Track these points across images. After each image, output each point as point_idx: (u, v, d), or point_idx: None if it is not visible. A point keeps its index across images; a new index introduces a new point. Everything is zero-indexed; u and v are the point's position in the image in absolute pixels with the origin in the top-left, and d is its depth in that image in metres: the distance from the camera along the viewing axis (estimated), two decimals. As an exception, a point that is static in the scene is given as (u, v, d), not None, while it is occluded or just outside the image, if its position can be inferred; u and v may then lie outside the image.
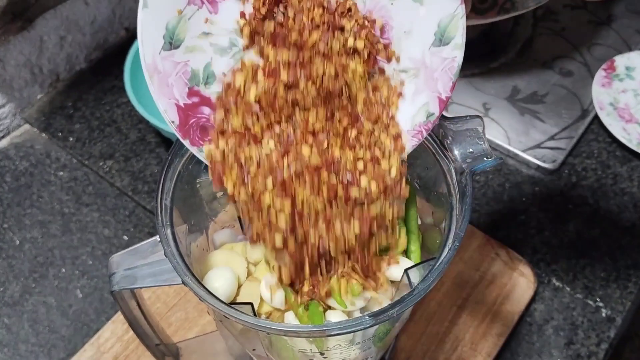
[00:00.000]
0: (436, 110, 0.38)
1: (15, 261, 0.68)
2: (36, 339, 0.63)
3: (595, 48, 0.86)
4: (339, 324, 0.32)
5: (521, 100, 0.80)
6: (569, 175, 0.74)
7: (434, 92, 0.37)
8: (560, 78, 0.83)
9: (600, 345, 0.62)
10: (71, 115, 0.80)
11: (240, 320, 0.33)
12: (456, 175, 0.38)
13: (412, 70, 0.36)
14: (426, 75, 0.36)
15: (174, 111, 0.37)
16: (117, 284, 0.39)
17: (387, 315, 0.32)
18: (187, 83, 0.37)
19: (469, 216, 0.34)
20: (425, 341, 0.61)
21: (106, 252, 0.69)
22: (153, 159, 0.76)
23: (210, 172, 0.38)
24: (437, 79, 0.37)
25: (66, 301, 0.65)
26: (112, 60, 0.86)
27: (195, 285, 0.34)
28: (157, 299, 0.63)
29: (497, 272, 0.65)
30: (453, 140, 0.38)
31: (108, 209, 0.72)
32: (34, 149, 0.77)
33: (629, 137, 0.75)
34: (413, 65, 0.36)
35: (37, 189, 0.74)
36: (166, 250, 0.36)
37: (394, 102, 0.38)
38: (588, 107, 0.79)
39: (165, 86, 0.36)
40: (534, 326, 0.63)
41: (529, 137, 0.76)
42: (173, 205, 0.39)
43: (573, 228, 0.70)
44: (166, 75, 0.36)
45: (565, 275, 0.66)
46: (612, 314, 0.64)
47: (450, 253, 0.33)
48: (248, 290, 0.42)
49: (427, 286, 0.32)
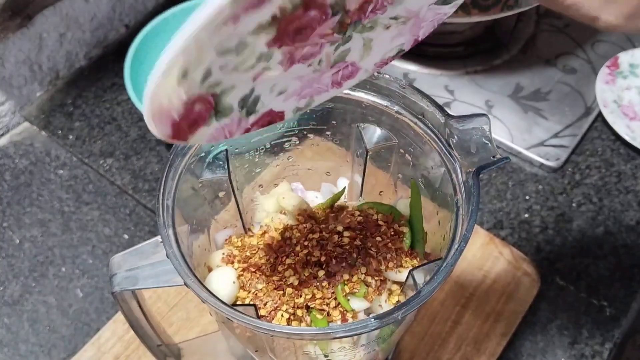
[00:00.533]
0: (408, 47, 0.37)
1: (15, 260, 0.68)
2: (36, 339, 0.62)
3: (599, 45, 0.86)
4: (343, 327, 0.32)
5: (524, 98, 0.80)
6: (573, 173, 0.74)
7: (414, 36, 0.36)
8: (563, 75, 0.82)
9: (604, 345, 0.62)
10: (71, 113, 0.80)
11: (242, 323, 0.32)
12: (462, 175, 0.37)
13: (402, 19, 0.35)
14: (414, 23, 0.36)
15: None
16: (118, 285, 0.38)
17: (393, 317, 0.32)
18: None
19: (476, 217, 0.34)
20: (429, 341, 0.60)
21: (107, 251, 0.68)
22: (153, 157, 0.75)
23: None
24: (422, 27, 0.36)
25: (66, 300, 0.65)
26: (112, 58, 0.85)
27: (198, 287, 0.34)
28: (158, 299, 0.63)
29: (500, 271, 0.64)
30: (459, 139, 0.37)
31: (108, 208, 0.71)
32: (33, 147, 0.77)
33: (632, 135, 0.74)
34: (406, 14, 0.35)
35: (36, 187, 0.73)
36: (168, 251, 0.35)
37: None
38: (592, 104, 0.79)
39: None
40: (538, 325, 0.63)
41: (532, 134, 0.76)
42: (175, 205, 0.38)
43: (577, 227, 0.69)
44: None
45: (569, 274, 0.66)
46: (616, 313, 0.63)
47: (457, 254, 0.33)
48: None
49: (433, 288, 0.32)
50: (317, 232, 0.41)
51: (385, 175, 0.47)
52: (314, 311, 0.38)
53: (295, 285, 0.39)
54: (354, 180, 0.49)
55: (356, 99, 0.43)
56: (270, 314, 0.38)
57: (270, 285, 0.39)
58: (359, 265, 0.39)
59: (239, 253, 0.42)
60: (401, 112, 0.42)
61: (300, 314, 0.39)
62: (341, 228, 0.41)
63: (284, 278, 0.39)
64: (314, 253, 0.40)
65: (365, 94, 0.43)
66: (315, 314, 0.38)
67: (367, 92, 0.43)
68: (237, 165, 0.45)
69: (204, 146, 0.41)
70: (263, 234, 0.44)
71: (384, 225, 0.42)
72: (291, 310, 0.38)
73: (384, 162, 0.46)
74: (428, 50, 0.84)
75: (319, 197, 0.48)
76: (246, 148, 0.46)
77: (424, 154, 0.41)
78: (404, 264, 0.40)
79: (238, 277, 0.40)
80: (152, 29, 0.75)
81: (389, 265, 0.40)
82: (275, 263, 0.40)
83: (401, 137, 0.44)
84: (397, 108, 0.42)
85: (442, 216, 0.41)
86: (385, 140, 0.44)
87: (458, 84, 0.81)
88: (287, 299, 0.38)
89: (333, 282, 0.39)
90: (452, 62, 0.83)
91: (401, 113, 0.42)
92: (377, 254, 0.40)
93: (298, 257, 0.40)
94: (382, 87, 0.42)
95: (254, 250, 0.42)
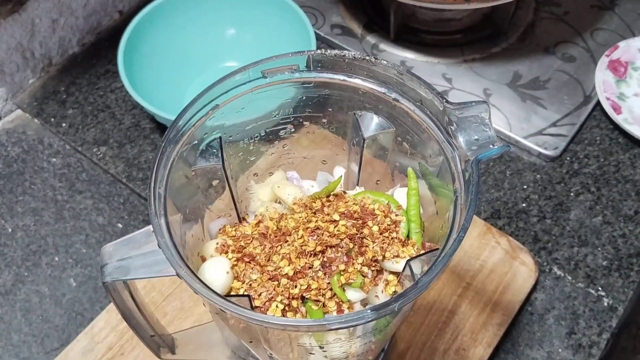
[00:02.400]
0: None
1: (7, 249, 0.67)
2: (29, 329, 0.62)
3: (598, 33, 0.85)
4: (339, 318, 0.31)
5: (522, 86, 0.79)
6: (571, 162, 0.73)
7: None
8: (562, 63, 0.81)
9: (601, 335, 0.61)
10: (64, 100, 0.79)
11: (236, 314, 0.32)
12: (461, 164, 0.36)
13: None
14: None
15: None
16: (109, 275, 0.38)
17: (389, 309, 0.31)
18: None
19: (475, 206, 0.33)
20: (425, 331, 0.60)
21: (100, 240, 0.67)
22: (148, 145, 0.74)
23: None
24: None
25: (59, 290, 0.64)
26: (106, 44, 0.84)
27: (190, 278, 0.33)
28: (153, 288, 0.62)
29: (497, 261, 0.64)
30: (457, 127, 0.37)
31: (102, 196, 0.71)
32: (26, 135, 0.76)
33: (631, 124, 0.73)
34: None
35: (29, 175, 0.72)
36: (160, 241, 0.34)
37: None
38: (590, 93, 0.78)
39: None
40: (535, 316, 0.62)
41: (531, 123, 0.75)
42: (167, 194, 0.37)
43: (575, 216, 0.69)
44: None
45: (567, 264, 0.65)
46: (613, 303, 0.63)
47: (455, 245, 0.32)
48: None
49: (431, 279, 0.31)
50: (313, 221, 0.40)
51: (382, 163, 0.46)
52: (310, 302, 0.38)
53: (290, 275, 0.38)
54: (350, 168, 0.48)
55: (353, 85, 0.42)
56: (265, 305, 0.38)
57: (265, 275, 0.39)
58: (355, 255, 0.39)
59: (233, 243, 0.41)
60: (399, 99, 0.41)
61: (296, 305, 0.38)
62: (337, 217, 0.40)
63: (278, 268, 0.39)
64: (309, 243, 0.39)
65: (363, 81, 0.42)
66: (311, 304, 0.38)
67: (365, 79, 0.42)
68: (232, 153, 0.45)
69: (196, 133, 0.40)
70: (258, 223, 0.43)
71: (380, 214, 0.41)
72: (286, 301, 0.38)
73: (381, 151, 0.45)
74: (426, 38, 0.83)
75: (314, 186, 0.47)
76: (240, 136, 0.45)
77: (422, 142, 0.40)
78: (400, 254, 0.39)
79: (232, 267, 0.40)
80: (146, 15, 0.74)
81: (385, 255, 0.39)
82: (270, 253, 0.40)
83: (399, 125, 0.43)
84: (394, 95, 0.41)
85: (440, 205, 0.41)
86: (382, 128, 0.44)
87: (456, 72, 0.80)
88: (282, 290, 0.38)
89: (329, 272, 0.38)
90: (450, 50, 0.82)
91: (399, 100, 0.41)
92: (373, 244, 0.39)
93: (293, 247, 0.39)
94: (379, 73, 0.41)
95: (249, 240, 0.41)
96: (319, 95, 0.44)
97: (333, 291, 0.38)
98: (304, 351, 0.39)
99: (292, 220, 0.41)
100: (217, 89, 0.40)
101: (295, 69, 0.42)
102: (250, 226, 0.43)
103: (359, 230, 0.40)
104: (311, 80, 0.43)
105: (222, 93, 0.41)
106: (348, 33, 0.84)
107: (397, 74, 0.40)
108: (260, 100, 0.43)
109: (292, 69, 0.42)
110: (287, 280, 0.38)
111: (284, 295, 0.38)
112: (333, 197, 0.44)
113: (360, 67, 0.41)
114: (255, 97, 0.42)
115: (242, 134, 0.45)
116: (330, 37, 0.84)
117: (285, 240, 0.40)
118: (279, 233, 0.41)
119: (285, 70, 0.42)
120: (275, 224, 0.42)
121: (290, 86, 0.43)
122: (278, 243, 0.40)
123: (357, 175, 0.47)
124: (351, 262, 0.38)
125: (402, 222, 0.41)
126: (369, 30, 0.85)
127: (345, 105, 0.44)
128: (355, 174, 0.47)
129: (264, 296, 0.38)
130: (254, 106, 0.43)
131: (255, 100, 0.43)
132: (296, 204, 0.43)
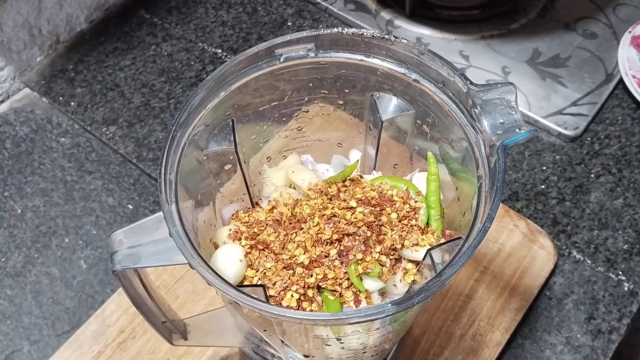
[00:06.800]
0: None
1: (17, 230, 0.66)
2: (40, 311, 0.61)
3: (621, 9, 0.82)
4: (358, 312, 0.30)
5: (542, 64, 0.76)
6: (592, 143, 0.71)
7: None
8: (583, 40, 0.79)
9: (621, 320, 0.60)
10: (72, 78, 0.77)
11: (250, 307, 0.30)
12: (485, 149, 0.35)
13: None
14: None
15: None
16: (119, 263, 0.36)
17: (411, 303, 0.30)
18: None
19: (501, 195, 0.31)
20: (441, 316, 0.59)
21: (110, 221, 0.66)
22: (158, 124, 0.73)
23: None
24: None
25: (70, 272, 0.63)
26: (114, 21, 0.82)
27: (202, 269, 0.32)
28: (164, 270, 0.61)
29: (515, 244, 0.62)
30: (482, 110, 0.35)
31: (112, 177, 0.69)
32: (34, 114, 0.75)
33: (655, 103, 0.71)
34: None
35: (38, 155, 0.71)
36: (171, 229, 0.33)
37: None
38: (612, 71, 0.75)
39: None
40: (554, 300, 0.61)
41: (550, 102, 0.73)
42: (178, 180, 0.36)
43: (595, 198, 0.67)
44: None
45: (587, 247, 0.64)
46: (634, 288, 0.61)
47: (481, 235, 0.30)
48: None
49: (454, 271, 0.30)
50: (329, 208, 0.39)
51: (400, 147, 0.44)
52: (326, 292, 0.37)
53: (306, 264, 0.37)
54: (367, 152, 0.47)
55: (370, 65, 0.41)
56: (280, 295, 0.36)
57: (280, 264, 0.37)
58: (373, 244, 0.37)
59: (247, 229, 0.40)
60: (419, 80, 0.39)
61: (311, 295, 0.37)
62: (354, 204, 0.39)
63: (293, 257, 0.37)
64: (325, 231, 0.38)
65: (381, 61, 0.40)
66: (327, 294, 0.36)
67: (383, 58, 0.40)
68: (244, 136, 0.43)
69: (208, 116, 0.39)
70: (271, 209, 0.41)
71: (399, 200, 0.40)
72: (301, 291, 0.36)
73: (400, 134, 0.43)
74: (442, 13, 0.80)
75: (329, 169, 0.46)
76: (253, 118, 0.43)
77: (444, 125, 0.39)
78: (420, 242, 0.38)
79: (245, 255, 0.38)
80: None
81: (404, 244, 0.38)
82: (284, 241, 0.38)
83: (419, 107, 0.41)
84: (415, 76, 0.39)
85: (462, 192, 0.39)
86: (401, 110, 0.42)
87: (473, 49, 0.78)
88: (297, 279, 0.37)
89: (345, 261, 0.37)
90: (467, 26, 0.80)
91: (419, 81, 0.39)
92: (392, 232, 0.38)
93: (308, 235, 0.38)
94: (398, 53, 0.39)
95: (262, 227, 0.40)
96: (335, 75, 0.42)
97: (350, 281, 0.37)
98: (320, 342, 0.38)
99: (307, 206, 0.40)
100: (230, 69, 0.39)
101: (311, 48, 0.40)
102: (264, 212, 0.42)
103: (376, 218, 0.38)
104: (327, 60, 0.41)
105: (234, 74, 0.39)
106: (362, 9, 0.82)
107: (417, 54, 0.39)
108: (274, 81, 0.41)
109: (307, 49, 0.40)
110: (302, 269, 0.37)
111: (299, 285, 0.36)
112: (349, 182, 0.42)
113: (379, 46, 0.39)
114: (269, 78, 0.41)
115: (255, 115, 0.43)
116: (344, 13, 0.81)
117: (300, 228, 0.39)
118: (293, 220, 0.39)
119: (300, 50, 0.40)
120: (290, 210, 0.40)
121: (305, 67, 0.41)
122: (293, 230, 0.39)
123: (374, 159, 0.45)
124: (369, 251, 0.37)
125: (422, 208, 0.40)
126: (383, 5, 0.82)
127: (362, 86, 0.43)
128: (372, 157, 0.45)
129: (278, 285, 0.37)
130: (268, 87, 0.41)
131: (269, 81, 0.41)
132: (311, 189, 0.41)
